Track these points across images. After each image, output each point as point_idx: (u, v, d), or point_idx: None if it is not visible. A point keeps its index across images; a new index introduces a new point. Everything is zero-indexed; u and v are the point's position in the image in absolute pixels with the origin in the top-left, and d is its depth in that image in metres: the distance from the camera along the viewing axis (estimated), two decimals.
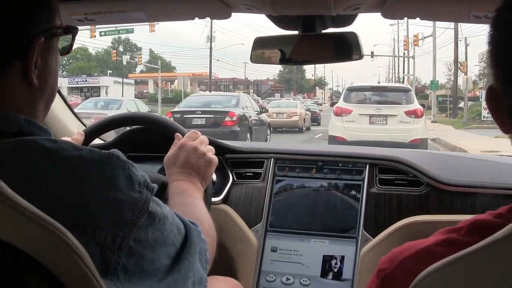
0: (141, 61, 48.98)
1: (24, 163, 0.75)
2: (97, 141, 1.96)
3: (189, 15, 1.59)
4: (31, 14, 0.81)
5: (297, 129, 20.45)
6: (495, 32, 0.68)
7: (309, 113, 23.28)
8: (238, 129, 13.09)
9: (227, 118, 13.21)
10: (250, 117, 14.25)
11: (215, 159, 1.36)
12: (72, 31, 0.91)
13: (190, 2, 1.46)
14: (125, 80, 53.41)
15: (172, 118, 10.65)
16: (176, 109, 14.65)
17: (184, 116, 13.32)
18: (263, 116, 15.71)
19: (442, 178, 1.78)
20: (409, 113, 10.75)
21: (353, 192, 1.83)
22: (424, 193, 1.78)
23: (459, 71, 31.68)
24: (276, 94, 64.39)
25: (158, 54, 72.61)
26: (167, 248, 0.83)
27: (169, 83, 57.82)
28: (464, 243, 0.59)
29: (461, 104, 32.76)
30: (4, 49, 0.79)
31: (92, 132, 1.75)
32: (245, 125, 13.71)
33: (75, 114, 2.09)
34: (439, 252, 0.63)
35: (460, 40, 31.86)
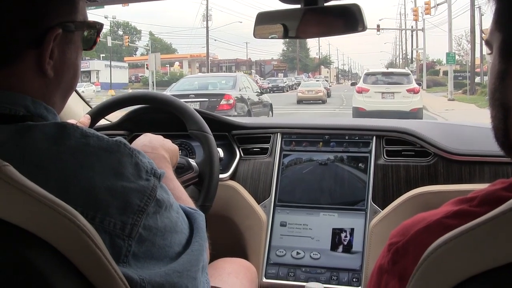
0: (127, 43, 48.04)
1: (30, 150, 0.75)
2: (103, 122, 1.96)
3: None
4: (50, 5, 0.80)
5: (321, 101, 28.49)
6: None
7: (325, 90, 31.59)
8: (236, 113, 11.92)
9: (222, 102, 12.09)
10: (249, 99, 13.35)
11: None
12: (95, 27, 0.90)
13: None
14: (119, 64, 52.61)
15: None
16: (168, 92, 13.04)
17: None
18: (264, 97, 15.02)
19: (449, 147, 1.77)
20: (409, 91, 15.13)
21: (361, 165, 1.83)
22: (432, 163, 1.78)
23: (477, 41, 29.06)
24: (279, 74, 63.95)
25: (158, 36, 71.89)
26: (178, 236, 0.83)
27: (168, 65, 56.59)
28: (476, 214, 0.58)
29: (477, 79, 31.25)
30: (17, 36, 0.78)
31: (98, 113, 1.75)
32: (243, 108, 12.76)
33: (80, 95, 2.09)
34: (451, 224, 0.62)
35: (476, 7, 29.51)
